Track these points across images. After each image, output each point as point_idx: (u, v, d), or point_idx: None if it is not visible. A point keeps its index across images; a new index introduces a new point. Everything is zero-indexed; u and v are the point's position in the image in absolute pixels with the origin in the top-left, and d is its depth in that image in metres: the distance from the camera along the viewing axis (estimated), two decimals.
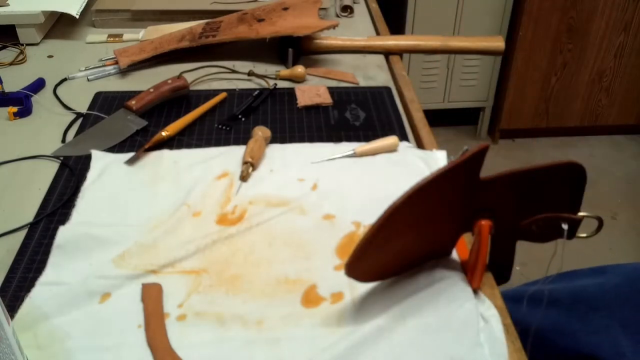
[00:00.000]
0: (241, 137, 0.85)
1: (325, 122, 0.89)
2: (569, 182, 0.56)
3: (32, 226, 0.69)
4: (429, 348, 0.54)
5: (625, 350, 0.70)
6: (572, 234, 0.59)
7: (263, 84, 0.99)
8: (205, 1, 1.21)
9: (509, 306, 0.59)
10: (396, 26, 2.16)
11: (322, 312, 0.58)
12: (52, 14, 1.15)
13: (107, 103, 0.93)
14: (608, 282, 0.78)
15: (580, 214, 0.58)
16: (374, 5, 1.31)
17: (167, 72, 0.99)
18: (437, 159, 0.78)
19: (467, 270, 0.61)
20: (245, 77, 1.00)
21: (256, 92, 0.95)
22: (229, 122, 0.88)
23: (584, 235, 0.60)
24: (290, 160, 0.79)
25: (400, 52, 1.10)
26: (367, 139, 0.84)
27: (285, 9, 1.09)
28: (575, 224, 0.58)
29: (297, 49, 1.04)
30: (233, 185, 0.75)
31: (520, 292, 0.81)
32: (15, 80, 0.98)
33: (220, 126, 0.87)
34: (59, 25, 1.20)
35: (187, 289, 0.61)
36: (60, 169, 0.79)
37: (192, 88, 0.95)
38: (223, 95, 0.94)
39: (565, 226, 0.58)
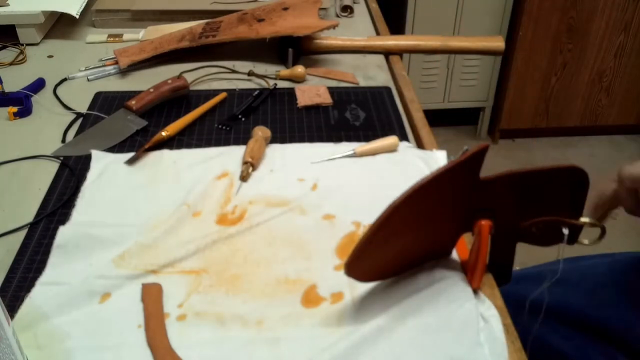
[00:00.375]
0: (241, 137, 0.85)
1: (325, 122, 0.89)
2: (570, 186, 0.55)
3: (32, 226, 0.69)
4: (429, 348, 0.54)
5: (635, 324, 0.70)
6: (573, 240, 0.59)
7: (263, 84, 0.99)
8: (205, 1, 1.21)
9: (513, 287, 0.60)
10: (396, 26, 2.16)
11: (322, 312, 0.58)
12: (52, 14, 1.15)
13: (107, 103, 0.93)
14: (616, 261, 0.79)
15: (583, 219, 0.58)
16: (374, 5, 1.31)
17: (167, 72, 0.99)
18: (437, 159, 0.78)
19: (467, 270, 0.61)
20: (245, 77, 1.00)
21: (256, 92, 0.95)
22: (229, 122, 0.88)
23: (586, 242, 0.60)
24: (290, 160, 0.79)
25: (400, 52, 1.10)
26: (367, 139, 0.84)
27: (285, 9, 1.09)
28: (576, 230, 0.58)
29: (297, 49, 1.04)
30: (233, 185, 0.75)
31: (524, 274, 0.81)
32: (15, 80, 0.98)
33: (220, 126, 0.87)
34: (59, 25, 1.20)
35: (187, 289, 0.61)
36: (60, 169, 0.79)
37: (192, 88, 0.95)
38: (223, 95, 0.94)
39: (565, 231, 0.58)
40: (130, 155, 0.79)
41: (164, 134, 0.83)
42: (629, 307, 0.72)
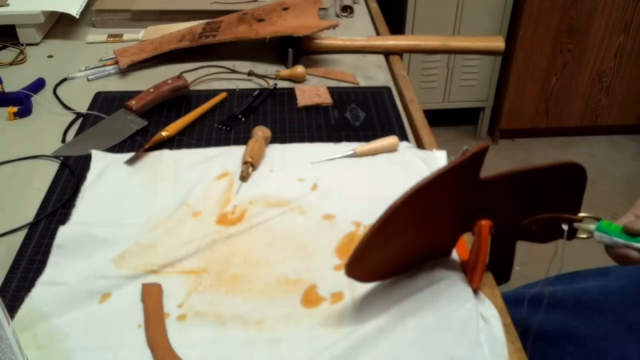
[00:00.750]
0: (241, 137, 0.85)
1: (325, 122, 0.89)
2: (569, 182, 0.56)
3: (32, 226, 0.69)
4: (429, 348, 0.54)
5: (632, 355, 0.70)
6: (572, 235, 0.59)
7: (263, 84, 0.99)
8: (205, 1, 1.21)
9: (509, 308, 0.59)
10: (396, 26, 2.16)
11: (322, 312, 0.58)
12: (52, 14, 1.15)
13: (107, 103, 0.93)
14: (611, 284, 0.78)
15: (581, 214, 0.58)
16: (374, 5, 1.31)
17: (167, 72, 0.99)
18: (437, 159, 0.78)
19: (467, 270, 0.61)
20: (245, 77, 1.00)
21: (256, 92, 0.95)
22: (229, 122, 0.88)
23: (584, 236, 0.60)
24: (290, 160, 0.79)
25: (400, 52, 1.10)
26: (367, 139, 0.84)
27: (285, 9, 1.09)
28: None
29: (297, 49, 1.04)
30: (233, 185, 0.75)
31: (521, 294, 0.80)
32: (15, 80, 0.98)
33: (220, 126, 0.87)
34: (59, 25, 1.20)
35: (187, 289, 0.61)
36: (60, 169, 0.79)
37: (192, 88, 0.95)
38: (223, 95, 0.94)
39: (565, 227, 0.58)
40: (130, 155, 0.79)
41: (164, 134, 0.83)
42: (626, 338, 0.71)
